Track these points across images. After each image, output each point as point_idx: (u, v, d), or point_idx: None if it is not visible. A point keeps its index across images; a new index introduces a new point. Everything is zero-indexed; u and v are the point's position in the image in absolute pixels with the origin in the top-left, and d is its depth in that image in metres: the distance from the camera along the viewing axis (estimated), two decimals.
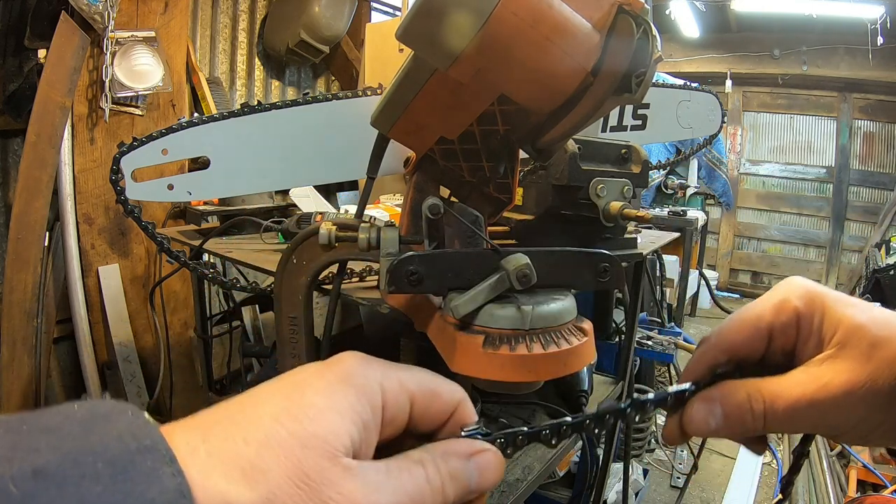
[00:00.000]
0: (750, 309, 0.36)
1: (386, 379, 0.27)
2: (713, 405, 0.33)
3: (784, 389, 0.32)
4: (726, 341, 0.35)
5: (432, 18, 0.38)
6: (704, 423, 0.33)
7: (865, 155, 5.29)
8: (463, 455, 0.29)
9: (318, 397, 0.25)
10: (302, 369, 0.27)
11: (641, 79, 0.41)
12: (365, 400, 0.26)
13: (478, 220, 0.55)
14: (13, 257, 1.67)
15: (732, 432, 0.33)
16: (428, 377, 0.29)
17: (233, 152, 1.03)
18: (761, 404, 0.32)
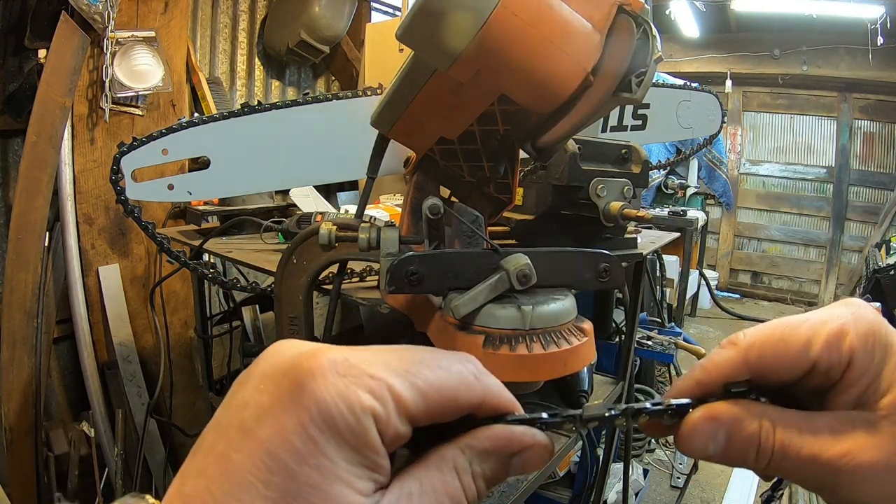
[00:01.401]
0: (796, 330, 0.28)
1: (378, 399, 0.22)
2: (718, 429, 0.27)
3: (807, 439, 0.27)
4: (758, 360, 0.29)
5: (432, 19, 0.38)
6: (702, 447, 0.27)
7: (865, 155, 5.29)
8: (506, 451, 0.26)
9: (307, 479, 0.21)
10: (240, 407, 0.23)
11: (641, 79, 0.41)
12: (357, 452, 0.22)
13: (478, 220, 0.55)
14: (13, 257, 1.67)
15: (727, 462, 0.28)
16: (437, 379, 0.24)
17: (233, 152, 1.03)
18: (771, 445, 0.27)
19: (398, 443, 0.23)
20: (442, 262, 0.47)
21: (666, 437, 2.66)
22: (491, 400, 0.26)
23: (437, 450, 0.25)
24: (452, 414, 0.25)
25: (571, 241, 0.86)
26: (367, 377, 0.22)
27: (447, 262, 0.47)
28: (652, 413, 0.28)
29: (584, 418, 0.27)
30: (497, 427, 0.26)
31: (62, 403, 1.97)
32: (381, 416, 0.22)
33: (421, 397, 0.23)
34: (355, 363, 0.23)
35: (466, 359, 0.26)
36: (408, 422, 0.23)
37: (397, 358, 0.24)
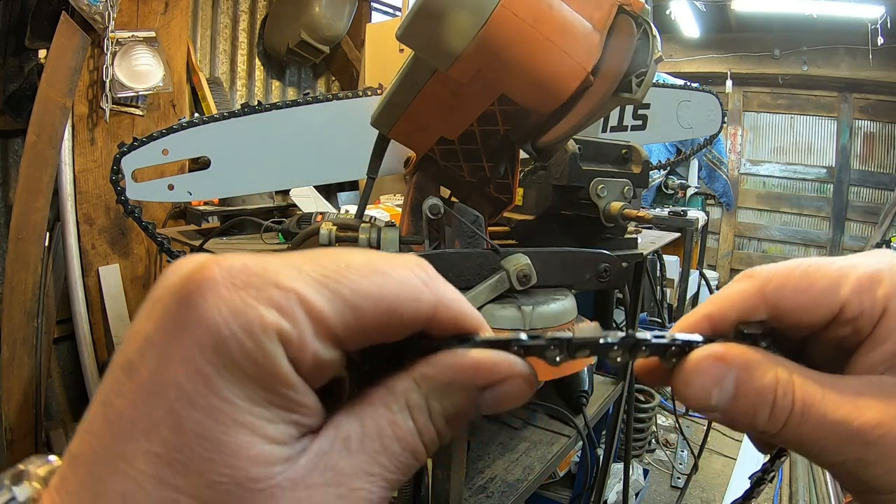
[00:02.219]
0: (823, 268, 0.23)
1: (286, 316, 0.17)
2: (726, 373, 0.22)
3: (831, 401, 0.22)
4: (777, 295, 0.23)
5: (432, 19, 0.38)
6: (703, 393, 0.22)
7: (866, 155, 5.28)
8: (473, 383, 0.20)
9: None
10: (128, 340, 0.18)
11: (642, 79, 0.41)
12: (262, 388, 0.17)
13: (478, 220, 0.55)
14: (13, 257, 1.67)
15: (733, 420, 0.22)
16: (371, 285, 0.19)
17: (233, 152, 1.03)
18: (790, 402, 0.21)
19: (324, 373, 0.18)
20: (442, 262, 0.47)
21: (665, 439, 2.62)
22: (446, 312, 0.20)
23: (384, 381, 0.20)
24: (395, 332, 0.19)
25: (572, 242, 0.86)
26: (272, 287, 0.17)
27: (447, 262, 0.47)
28: (653, 347, 0.22)
29: (574, 343, 0.22)
30: (461, 352, 0.20)
31: (62, 403, 1.97)
32: (292, 338, 0.17)
33: (348, 310, 0.18)
34: (256, 270, 0.17)
35: (413, 261, 0.20)
36: (333, 344, 0.18)
37: (315, 261, 0.19)
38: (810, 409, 0.22)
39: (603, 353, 0.22)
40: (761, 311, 0.24)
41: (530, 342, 0.21)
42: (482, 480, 0.88)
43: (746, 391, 0.22)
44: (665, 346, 0.23)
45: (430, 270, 0.21)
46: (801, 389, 0.22)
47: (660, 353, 0.23)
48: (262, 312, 0.17)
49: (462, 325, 0.21)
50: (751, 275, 0.25)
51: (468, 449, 0.86)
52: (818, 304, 0.23)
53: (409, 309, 0.19)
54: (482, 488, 0.86)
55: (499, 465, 0.92)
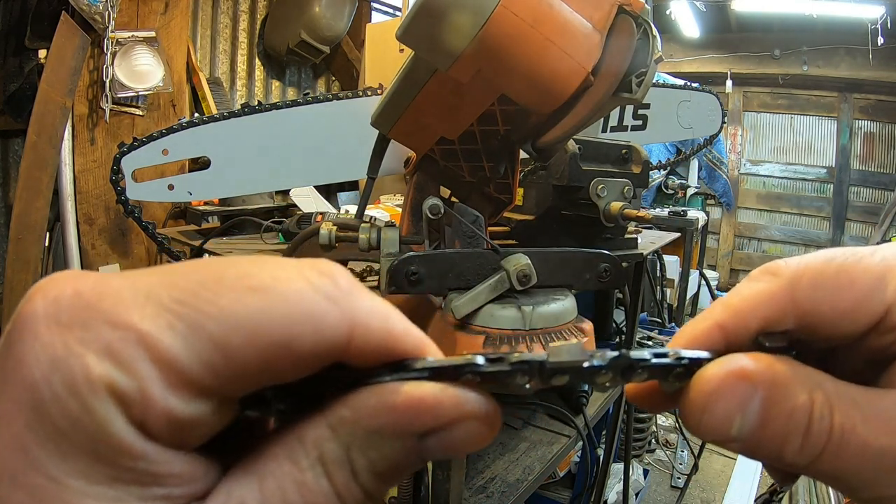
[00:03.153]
0: (864, 262, 0.18)
1: (120, 365, 0.13)
2: (751, 394, 0.17)
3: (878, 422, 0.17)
4: (813, 298, 0.18)
5: (432, 19, 0.38)
6: (724, 420, 0.17)
7: (866, 155, 5.28)
8: (410, 429, 0.15)
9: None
10: None
11: (642, 79, 0.41)
12: (98, 461, 0.13)
13: (478, 220, 0.55)
14: (13, 257, 1.67)
15: (755, 451, 0.18)
16: (246, 310, 0.14)
17: (233, 152, 1.03)
18: (826, 428, 0.17)
19: (197, 430, 0.14)
20: (442, 262, 0.47)
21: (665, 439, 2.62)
22: (366, 336, 0.15)
23: (294, 426, 0.15)
24: (292, 370, 0.14)
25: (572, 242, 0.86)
26: (105, 325, 0.13)
27: (447, 262, 0.47)
28: (652, 369, 0.18)
29: (549, 368, 0.17)
30: (391, 387, 0.15)
31: None
32: (130, 395, 0.13)
33: (212, 349, 0.13)
34: (89, 301, 0.13)
35: (315, 268, 0.15)
36: (197, 395, 0.13)
37: (172, 280, 0.14)
38: (850, 437, 0.17)
39: (587, 379, 0.17)
40: (789, 319, 0.19)
41: (489, 367, 0.16)
42: (482, 480, 0.88)
43: (776, 416, 0.17)
44: (668, 368, 0.18)
45: (341, 279, 0.15)
46: (840, 412, 0.17)
47: (661, 375, 0.18)
48: (88, 362, 0.13)
49: (393, 349, 0.16)
50: (774, 271, 0.20)
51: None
52: (860, 308, 0.18)
53: (307, 339, 0.14)
54: (482, 488, 0.86)
55: (499, 465, 0.92)
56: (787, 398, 0.17)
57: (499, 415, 0.17)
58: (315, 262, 0.16)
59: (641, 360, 0.18)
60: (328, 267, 0.16)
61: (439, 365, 0.16)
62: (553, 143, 0.48)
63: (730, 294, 0.21)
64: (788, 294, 0.19)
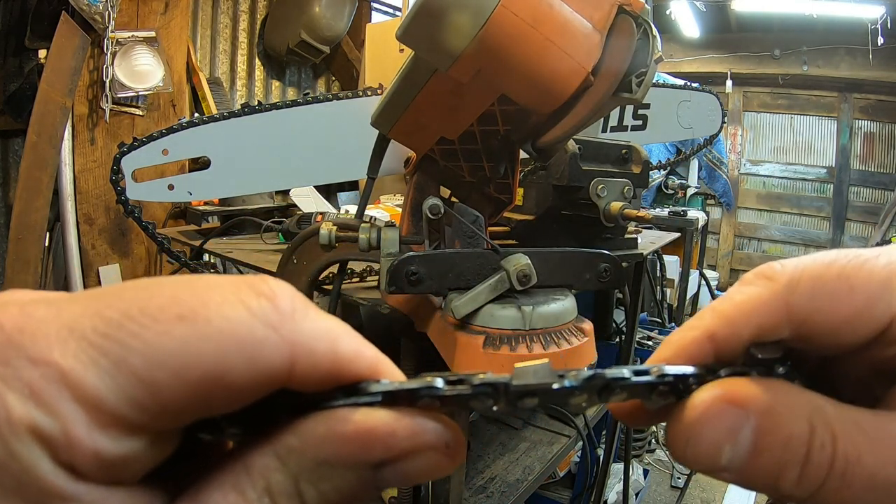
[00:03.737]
0: (867, 266, 0.17)
1: (42, 406, 0.12)
2: (742, 422, 0.16)
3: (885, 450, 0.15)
4: (811, 306, 0.17)
5: (432, 19, 0.38)
6: (711, 449, 0.16)
7: (866, 155, 5.28)
8: (362, 459, 0.14)
9: None
10: None
11: (642, 79, 0.41)
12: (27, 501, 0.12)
13: (478, 220, 0.55)
14: (13, 258, 1.67)
15: (748, 482, 0.16)
16: (174, 343, 0.13)
17: (233, 152, 1.03)
18: (827, 458, 0.15)
19: (129, 468, 0.13)
20: (442, 262, 0.47)
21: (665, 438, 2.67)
22: (310, 361, 0.14)
23: (242, 454, 0.14)
24: (225, 404, 0.13)
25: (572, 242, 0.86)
26: (26, 362, 0.12)
27: (447, 262, 0.47)
28: (632, 389, 0.16)
29: (514, 391, 0.15)
30: (341, 414, 0.14)
31: None
32: (54, 437, 0.12)
33: (138, 386, 0.12)
34: (11, 333, 0.13)
35: (252, 288, 0.14)
36: (125, 432, 0.13)
37: (96, 308, 0.13)
38: (855, 467, 0.15)
39: (559, 401, 0.16)
40: (783, 328, 0.17)
41: (448, 391, 0.15)
42: (482, 480, 0.88)
43: (770, 445, 0.15)
44: (650, 385, 0.16)
45: (281, 300, 0.14)
46: (844, 440, 0.15)
47: (642, 394, 0.17)
48: (8, 403, 0.12)
49: (342, 374, 0.15)
50: (768, 275, 0.18)
51: (468, 449, 0.86)
52: (861, 316, 0.16)
53: (240, 371, 0.13)
54: (482, 488, 0.86)
55: (499, 465, 0.92)
56: (783, 426, 0.16)
57: (461, 442, 0.16)
58: (253, 282, 0.14)
59: (619, 379, 0.16)
60: (268, 286, 0.14)
61: (394, 389, 0.15)
62: (553, 143, 0.48)
63: (721, 299, 0.19)
64: (783, 300, 0.17)
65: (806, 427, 0.15)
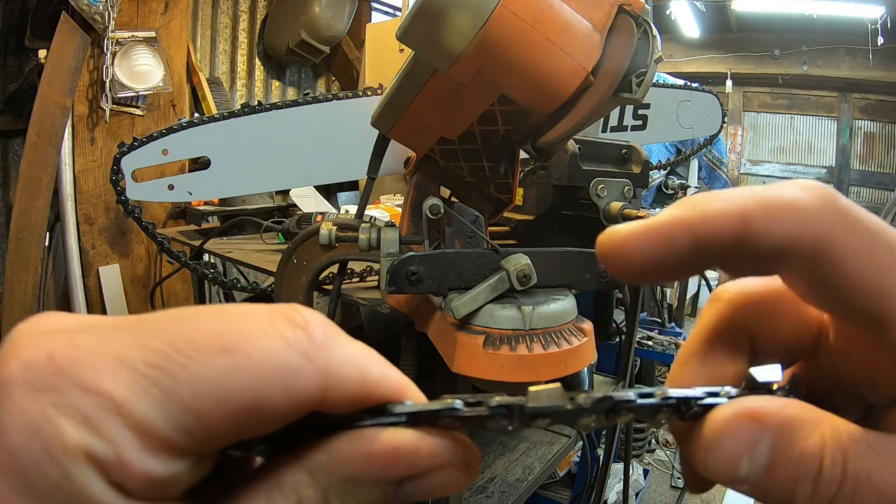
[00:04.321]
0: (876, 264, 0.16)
1: (95, 432, 0.13)
2: (760, 436, 0.16)
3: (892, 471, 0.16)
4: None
5: (432, 19, 0.38)
6: (731, 462, 0.16)
7: (866, 155, 5.29)
8: (386, 476, 0.15)
9: None
10: None
11: (642, 79, 0.41)
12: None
13: (478, 220, 0.55)
14: (13, 257, 1.67)
15: (765, 496, 0.17)
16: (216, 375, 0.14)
17: (233, 152, 1.03)
18: (838, 474, 0.16)
19: (173, 487, 0.14)
20: (442, 262, 0.47)
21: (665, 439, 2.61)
22: (341, 388, 0.15)
23: (273, 469, 0.16)
24: (263, 428, 0.15)
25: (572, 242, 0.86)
26: (78, 391, 0.13)
27: (447, 262, 0.47)
28: (638, 410, 0.18)
29: (528, 413, 0.17)
30: (369, 434, 0.15)
31: None
32: (107, 460, 0.13)
33: (186, 415, 0.14)
34: (62, 364, 0.13)
35: (286, 320, 0.15)
36: (174, 455, 0.14)
37: (143, 340, 0.14)
38: (865, 485, 0.16)
39: (570, 421, 0.17)
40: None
41: (467, 412, 0.16)
42: (482, 480, 0.88)
43: (786, 460, 0.16)
44: (654, 407, 0.17)
45: (314, 330, 0.15)
46: (854, 458, 0.16)
47: (647, 415, 0.18)
48: (63, 429, 0.13)
49: (370, 397, 0.16)
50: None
51: None
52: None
53: (279, 399, 0.14)
54: (482, 488, 0.86)
55: (499, 465, 0.92)
56: (798, 442, 0.16)
57: (477, 460, 0.17)
58: (288, 312, 0.15)
59: (626, 402, 0.17)
60: (301, 317, 0.15)
61: (417, 410, 0.16)
62: (553, 143, 0.48)
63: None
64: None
65: (819, 443, 0.16)
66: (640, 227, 0.17)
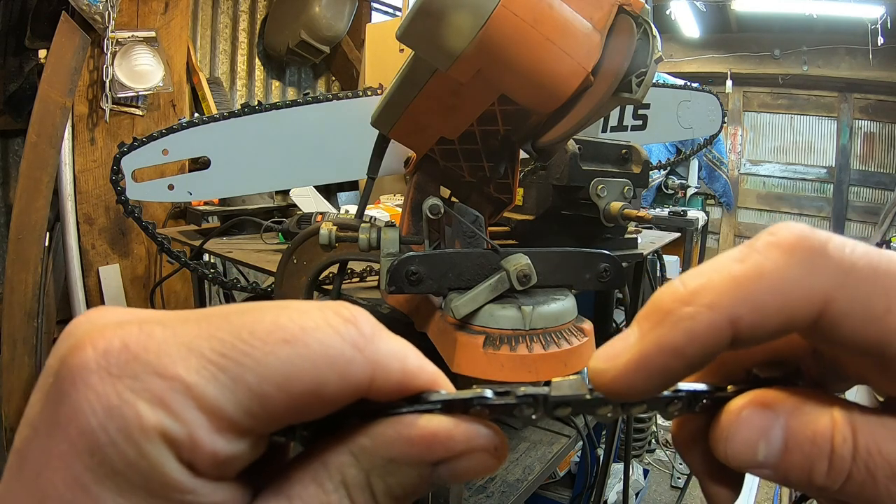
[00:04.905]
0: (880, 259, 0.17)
1: (171, 414, 0.14)
2: (772, 422, 0.17)
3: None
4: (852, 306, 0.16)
5: (432, 19, 0.38)
6: (749, 447, 0.17)
7: (866, 155, 5.28)
8: (424, 459, 0.17)
9: None
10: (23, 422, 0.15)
11: (642, 79, 0.41)
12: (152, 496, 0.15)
13: (478, 220, 0.55)
14: (13, 257, 1.67)
15: (787, 477, 0.17)
16: (279, 363, 0.15)
17: (233, 152, 1.03)
18: (849, 450, 0.16)
19: (236, 463, 0.16)
20: (442, 262, 0.47)
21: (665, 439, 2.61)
22: (386, 378, 0.17)
23: (318, 452, 0.17)
24: (320, 410, 0.16)
25: (572, 242, 0.86)
26: (153, 376, 0.15)
27: (447, 262, 0.47)
28: (652, 402, 0.19)
29: (552, 402, 0.18)
30: (408, 420, 0.17)
31: None
32: (181, 440, 0.14)
33: (251, 399, 0.15)
34: (136, 352, 0.15)
35: (340, 315, 0.17)
36: (238, 435, 0.15)
37: (211, 332, 0.15)
38: (876, 458, 0.16)
39: (589, 410, 0.18)
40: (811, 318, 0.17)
41: (496, 400, 0.18)
42: (482, 480, 0.88)
43: (800, 441, 0.17)
44: (665, 400, 0.19)
45: (363, 324, 0.17)
46: (864, 433, 0.17)
47: (659, 407, 0.19)
48: (140, 411, 0.14)
49: (409, 386, 0.17)
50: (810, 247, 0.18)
51: None
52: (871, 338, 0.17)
53: (334, 386, 0.16)
54: (482, 488, 0.86)
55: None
56: (809, 423, 0.17)
57: (506, 446, 0.18)
58: (339, 308, 0.17)
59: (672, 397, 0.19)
60: (351, 313, 0.17)
61: (451, 398, 0.18)
62: (553, 143, 0.48)
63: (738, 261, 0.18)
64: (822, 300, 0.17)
65: (829, 422, 0.17)
66: (631, 362, 0.17)
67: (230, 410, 0.15)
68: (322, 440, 0.17)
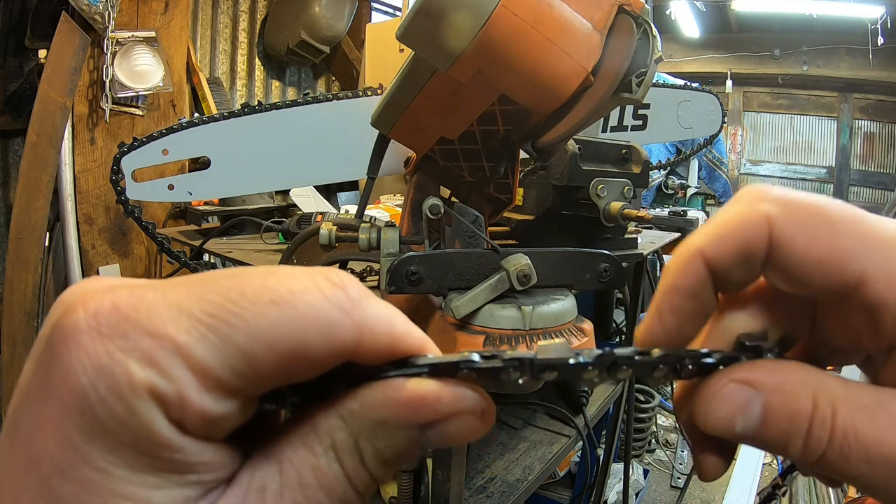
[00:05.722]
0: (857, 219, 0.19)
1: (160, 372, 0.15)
2: (751, 398, 0.18)
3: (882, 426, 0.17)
4: (790, 232, 0.18)
5: (432, 19, 0.38)
6: (726, 419, 0.18)
7: (866, 155, 5.29)
8: (412, 421, 0.17)
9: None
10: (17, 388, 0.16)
11: (642, 79, 0.41)
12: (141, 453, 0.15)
13: (478, 220, 0.55)
14: (13, 257, 1.67)
15: (764, 446, 0.18)
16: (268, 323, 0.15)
17: (233, 152, 1.03)
18: (826, 432, 0.17)
19: (224, 424, 0.16)
20: (442, 262, 0.47)
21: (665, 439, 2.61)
22: (373, 340, 0.17)
23: (308, 417, 0.17)
24: (307, 372, 0.16)
25: (572, 242, 0.86)
26: (144, 335, 0.15)
27: (447, 262, 0.47)
28: (637, 367, 0.19)
29: (538, 364, 0.18)
30: (395, 383, 0.17)
31: None
32: (170, 397, 0.14)
33: (239, 358, 0.15)
34: (127, 313, 0.15)
35: (328, 279, 0.17)
36: (226, 395, 0.15)
37: (201, 293, 0.16)
38: (852, 441, 0.17)
39: (574, 374, 0.18)
40: (763, 247, 0.19)
41: (483, 363, 0.18)
42: (482, 480, 0.87)
43: (776, 418, 0.18)
44: (650, 364, 0.19)
45: (350, 289, 0.17)
46: (843, 415, 0.17)
47: (644, 372, 0.19)
48: (130, 369, 0.14)
49: (397, 350, 0.17)
50: (758, 197, 0.19)
51: (468, 449, 0.86)
52: (833, 263, 0.18)
53: (320, 347, 0.16)
54: (482, 488, 0.86)
55: (499, 465, 0.92)
56: (789, 403, 0.18)
57: (492, 410, 0.18)
58: (328, 273, 0.17)
59: (625, 358, 0.19)
60: (339, 277, 0.17)
61: (438, 361, 0.18)
62: (553, 143, 0.48)
63: (712, 218, 0.21)
64: (767, 220, 0.19)
65: (809, 404, 0.18)
66: (651, 311, 0.21)
67: (219, 369, 0.15)
68: (312, 406, 0.17)
